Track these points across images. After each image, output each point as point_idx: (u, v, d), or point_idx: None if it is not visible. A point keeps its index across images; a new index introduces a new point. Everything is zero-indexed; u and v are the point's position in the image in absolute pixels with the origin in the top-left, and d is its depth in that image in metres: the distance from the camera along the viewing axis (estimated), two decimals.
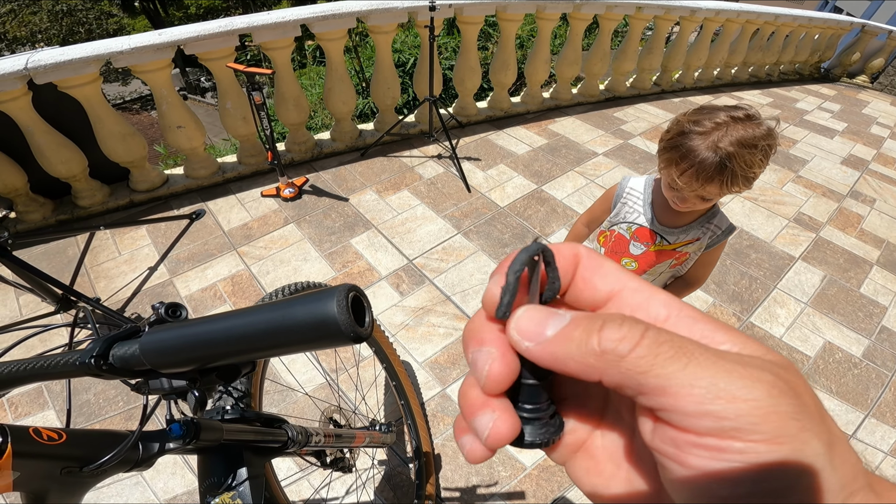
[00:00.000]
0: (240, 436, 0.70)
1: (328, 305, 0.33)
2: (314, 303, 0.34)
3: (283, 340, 0.36)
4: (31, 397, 1.87)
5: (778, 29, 5.10)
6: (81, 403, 1.85)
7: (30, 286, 1.77)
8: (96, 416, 1.80)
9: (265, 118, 2.49)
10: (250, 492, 0.69)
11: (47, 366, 0.48)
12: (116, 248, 2.54)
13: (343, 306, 0.33)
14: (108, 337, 0.45)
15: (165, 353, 0.41)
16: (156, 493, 1.61)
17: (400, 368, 1.62)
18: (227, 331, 0.38)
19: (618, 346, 0.19)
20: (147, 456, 0.58)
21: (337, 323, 0.33)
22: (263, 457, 0.77)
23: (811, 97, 5.10)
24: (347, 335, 0.33)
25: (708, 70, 4.91)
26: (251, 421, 0.77)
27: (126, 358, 0.43)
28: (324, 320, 0.33)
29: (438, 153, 3.25)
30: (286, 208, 2.78)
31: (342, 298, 0.33)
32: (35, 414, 1.83)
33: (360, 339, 0.34)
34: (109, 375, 0.44)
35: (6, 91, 2.23)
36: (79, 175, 2.65)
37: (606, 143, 3.52)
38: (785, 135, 4.03)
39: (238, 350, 0.39)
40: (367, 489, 1.61)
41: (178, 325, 0.42)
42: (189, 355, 0.41)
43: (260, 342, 0.37)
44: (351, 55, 7.60)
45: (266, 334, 0.36)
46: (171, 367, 0.43)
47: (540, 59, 3.74)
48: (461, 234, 2.62)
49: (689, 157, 1.01)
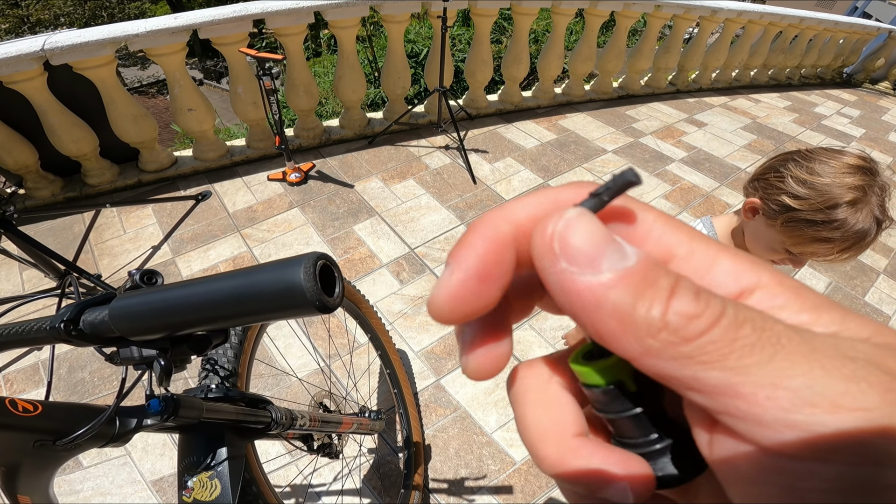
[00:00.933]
0: (222, 415, 0.70)
1: (294, 273, 0.32)
2: (280, 270, 0.33)
3: (247, 308, 0.35)
4: (26, 374, 1.89)
5: (802, 32, 4.99)
6: (76, 382, 1.86)
7: (33, 261, 1.80)
8: (90, 395, 1.81)
9: (274, 103, 2.51)
10: (229, 472, 0.68)
11: (21, 331, 0.47)
12: (122, 226, 2.57)
13: (310, 274, 0.32)
14: (79, 303, 0.44)
15: (133, 319, 0.40)
16: (142, 473, 1.62)
17: (395, 357, 1.62)
18: (192, 297, 0.37)
19: (688, 324, 0.13)
20: (123, 431, 0.57)
21: (303, 291, 0.32)
22: (245, 438, 0.76)
23: (831, 102, 5.00)
24: (313, 303, 0.32)
25: (726, 71, 4.83)
26: (235, 400, 0.76)
27: (96, 324, 0.42)
28: (289, 288, 0.32)
29: (446, 144, 3.24)
30: (291, 192, 2.78)
31: (309, 266, 0.32)
32: (29, 391, 1.85)
33: (328, 309, 0.33)
34: (80, 342, 0.43)
35: (22, 71, 2.27)
36: (89, 154, 2.69)
37: (616, 141, 3.49)
38: (800, 139, 3.96)
39: (204, 317, 0.38)
40: (354, 476, 1.61)
41: (147, 290, 0.41)
42: (156, 322, 0.40)
43: (225, 309, 0.36)
44: (364, 44, 7.59)
45: (231, 301, 0.36)
46: (140, 334, 0.42)
47: (554, 55, 3.70)
48: (464, 225, 2.61)
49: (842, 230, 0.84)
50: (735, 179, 3.23)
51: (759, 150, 3.66)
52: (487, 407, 1.83)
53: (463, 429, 1.77)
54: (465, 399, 1.85)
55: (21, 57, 2.21)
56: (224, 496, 0.66)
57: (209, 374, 0.95)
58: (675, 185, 3.08)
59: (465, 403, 1.84)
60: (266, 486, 0.93)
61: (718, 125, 3.96)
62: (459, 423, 1.78)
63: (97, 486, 1.58)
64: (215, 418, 0.68)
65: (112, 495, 1.56)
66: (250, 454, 0.91)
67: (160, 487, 1.58)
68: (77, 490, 1.56)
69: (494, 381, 1.90)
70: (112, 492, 1.57)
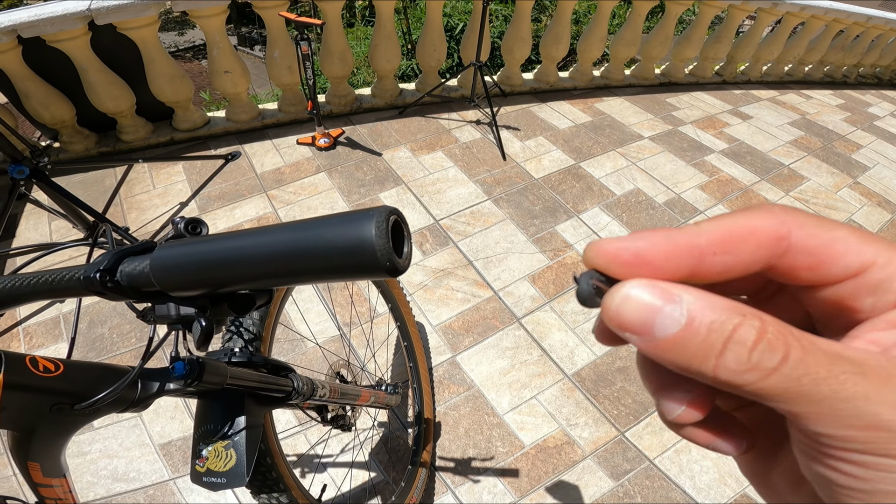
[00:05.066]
0: (244, 381, 0.67)
1: (364, 228, 0.28)
2: (349, 223, 0.29)
3: (308, 265, 0.31)
4: (46, 328, 1.90)
5: (867, 31, 4.72)
6: (95, 338, 1.86)
7: (63, 212, 1.82)
8: (108, 352, 1.82)
9: (309, 69, 2.51)
10: (245, 442, 0.65)
11: (52, 281, 0.43)
12: (152, 181, 2.59)
13: (383, 230, 0.28)
14: (118, 251, 0.40)
15: (176, 271, 0.36)
16: (151, 436, 1.61)
17: (413, 329, 1.60)
18: (246, 249, 0.33)
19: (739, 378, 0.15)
20: (145, 395, 0.54)
21: (373, 249, 0.28)
22: (265, 406, 0.74)
23: (886, 103, 4.73)
24: (383, 265, 0.28)
25: (778, 65, 4.59)
26: (258, 366, 0.74)
27: (134, 275, 0.38)
28: (358, 245, 0.28)
29: (477, 119, 3.17)
30: (319, 157, 2.77)
31: (382, 221, 0.28)
32: (49, 346, 1.85)
33: (397, 272, 0.29)
34: (114, 295, 0.39)
35: (67, 30, 2.31)
36: (125, 111, 2.73)
37: (654, 128, 3.36)
38: (850, 138, 3.76)
39: (256, 273, 0.34)
40: (363, 450, 1.61)
41: (193, 240, 0.37)
42: (202, 275, 0.36)
43: (282, 265, 0.32)
44: (400, 16, 7.50)
45: (290, 256, 0.31)
46: (182, 289, 0.38)
47: (596, 37, 3.58)
48: (491, 200, 2.56)
49: None
50: (777, 175, 3.09)
51: (805, 146, 3.49)
52: (501, 388, 1.81)
53: (475, 408, 1.75)
54: (479, 378, 1.83)
55: (67, 16, 2.25)
56: (238, 467, 0.64)
57: (233, 337, 0.92)
58: (712, 176, 2.96)
59: (480, 382, 1.82)
60: (280, 457, 0.91)
61: (764, 119, 3.78)
62: (472, 401, 1.77)
63: (105, 447, 1.59)
64: (237, 384, 0.65)
65: (119, 458, 1.56)
66: (267, 424, 0.88)
67: (167, 451, 1.58)
68: (85, 452, 1.57)
69: (510, 362, 1.88)
70: (119, 454, 1.57)
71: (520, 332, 1.98)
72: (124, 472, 1.54)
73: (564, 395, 1.81)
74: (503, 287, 2.14)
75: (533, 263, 2.25)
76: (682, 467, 1.65)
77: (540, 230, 2.42)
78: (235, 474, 0.64)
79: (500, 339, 1.95)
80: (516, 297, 2.10)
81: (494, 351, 1.91)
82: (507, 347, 1.93)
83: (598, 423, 1.74)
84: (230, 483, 0.64)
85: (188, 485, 1.51)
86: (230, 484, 0.64)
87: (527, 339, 1.96)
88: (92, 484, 1.50)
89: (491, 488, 1.56)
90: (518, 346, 1.93)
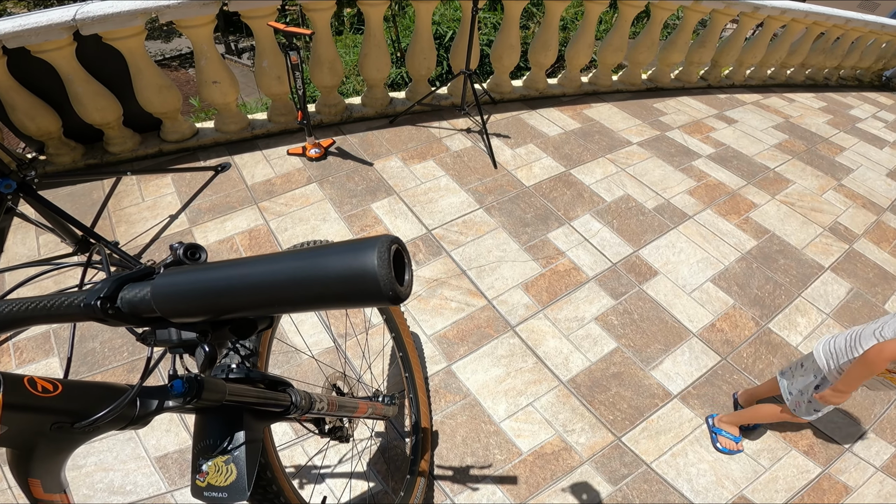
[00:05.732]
0: (242, 397, 0.67)
1: (368, 257, 0.28)
2: (352, 252, 0.29)
3: (311, 294, 0.31)
4: (37, 343, 1.88)
5: (846, 33, 4.82)
6: (86, 352, 1.84)
7: (51, 226, 1.79)
8: (99, 367, 1.80)
9: (299, 78, 2.51)
10: (245, 456, 0.65)
11: (50, 306, 0.43)
12: (141, 194, 2.57)
13: (385, 260, 0.28)
14: (118, 277, 0.40)
15: (178, 299, 0.36)
16: (147, 449, 1.60)
17: (408, 339, 1.60)
18: (248, 278, 0.33)
19: None
20: (144, 413, 0.54)
21: (376, 279, 0.28)
22: (264, 421, 0.73)
23: (867, 105, 4.84)
24: (386, 294, 0.28)
25: (762, 69, 4.68)
26: (256, 382, 0.73)
27: (135, 302, 0.38)
28: (361, 275, 0.28)
29: (468, 127, 3.18)
30: (310, 168, 2.76)
31: (384, 251, 0.28)
32: (39, 361, 1.83)
33: (399, 300, 0.29)
34: (115, 321, 0.39)
35: (52, 41, 2.28)
36: (112, 123, 2.70)
37: (642, 133, 3.40)
38: (833, 141, 3.83)
39: (259, 301, 0.34)
40: (361, 460, 1.60)
41: (195, 267, 0.37)
42: (204, 303, 0.36)
43: (285, 294, 0.32)
44: (389, 24, 7.51)
45: (293, 285, 0.31)
46: (183, 316, 0.38)
47: (583, 43, 3.62)
48: (483, 209, 2.57)
49: None
50: (763, 179, 3.13)
51: (789, 150, 3.55)
52: (497, 396, 1.81)
53: (471, 416, 1.75)
54: (475, 386, 1.83)
55: (52, 27, 2.21)
56: (239, 481, 0.64)
57: (230, 353, 0.91)
58: (700, 181, 3.00)
59: (475, 391, 1.82)
60: (280, 471, 0.90)
61: (749, 122, 3.84)
62: (468, 410, 1.77)
63: (100, 461, 1.57)
64: (235, 400, 0.65)
65: (115, 471, 1.55)
66: (266, 438, 0.88)
67: (164, 464, 1.57)
68: (80, 465, 1.55)
69: (505, 370, 1.88)
70: (115, 467, 1.56)
71: (514, 340, 1.99)
72: (120, 486, 1.52)
73: (560, 401, 1.81)
74: (497, 295, 2.15)
75: (526, 271, 2.26)
76: (679, 471, 1.66)
77: (532, 238, 2.44)
78: (237, 489, 0.64)
79: (494, 347, 1.96)
80: (510, 306, 2.11)
81: (489, 359, 1.92)
82: (502, 355, 1.93)
83: (594, 428, 1.75)
84: (232, 497, 0.64)
85: (185, 498, 1.50)
86: (232, 498, 0.63)
87: (521, 346, 1.97)
88: (88, 497, 1.48)
89: (490, 496, 1.56)
90: (513, 354, 1.94)
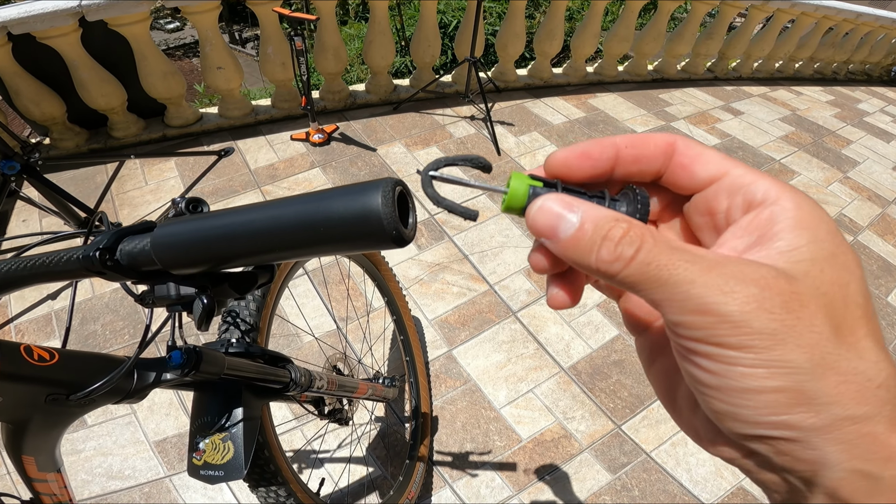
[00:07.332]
0: (241, 372, 0.66)
1: (372, 197, 0.28)
2: (355, 194, 0.29)
3: (314, 236, 0.31)
4: (38, 325, 1.89)
5: (856, 28, 4.77)
6: (87, 334, 1.85)
7: (55, 208, 1.79)
8: (101, 349, 1.79)
9: (303, 64, 2.50)
10: (243, 434, 0.64)
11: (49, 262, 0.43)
12: (144, 177, 2.57)
13: (389, 200, 0.28)
14: (118, 230, 0.39)
15: (179, 247, 0.36)
16: (146, 433, 1.60)
17: (409, 323, 1.60)
18: (250, 223, 0.33)
19: (610, 266, 0.20)
20: (141, 386, 0.53)
21: (380, 219, 0.28)
22: (262, 398, 0.73)
23: (875, 99, 4.79)
24: (389, 234, 0.28)
25: (769, 62, 4.63)
26: (255, 357, 0.73)
27: (135, 254, 0.38)
28: (365, 214, 0.28)
29: (472, 115, 3.17)
30: (314, 153, 2.76)
31: (388, 191, 0.28)
32: (41, 342, 1.82)
33: (404, 241, 0.29)
34: (114, 274, 0.39)
35: (57, 27, 2.28)
36: (117, 108, 2.70)
37: (647, 123, 3.38)
38: (840, 134, 3.80)
39: (261, 246, 0.33)
40: (360, 445, 1.60)
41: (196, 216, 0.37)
42: (205, 250, 0.35)
43: (287, 237, 0.32)
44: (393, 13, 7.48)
45: (295, 228, 0.31)
46: (184, 266, 0.38)
47: (589, 33, 3.59)
48: (486, 195, 2.56)
49: None
50: (768, 170, 3.11)
51: (795, 142, 3.52)
52: (498, 381, 1.81)
53: (472, 402, 1.75)
54: (475, 372, 1.83)
55: (58, 13, 2.22)
56: (236, 459, 0.63)
57: (229, 328, 0.91)
58: None
59: (476, 376, 1.82)
60: (278, 450, 0.90)
61: (755, 114, 3.81)
62: (468, 395, 1.77)
63: (99, 445, 1.57)
64: (234, 375, 0.64)
65: (114, 455, 1.55)
66: (265, 416, 0.87)
67: (163, 449, 1.57)
68: (79, 450, 1.55)
69: (506, 356, 1.88)
70: (114, 452, 1.55)
71: (516, 326, 1.98)
72: (119, 470, 1.52)
73: (561, 388, 1.81)
74: (499, 281, 2.14)
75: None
76: (678, 460, 1.66)
77: None
78: (233, 467, 0.63)
79: (496, 332, 1.96)
80: (512, 291, 2.11)
81: (491, 345, 1.92)
82: (504, 341, 1.93)
83: (594, 416, 1.75)
84: (228, 476, 0.63)
85: (184, 482, 1.50)
86: (228, 477, 0.63)
87: (523, 332, 1.97)
88: (87, 482, 1.48)
89: (489, 482, 1.56)
90: (514, 340, 1.94)
